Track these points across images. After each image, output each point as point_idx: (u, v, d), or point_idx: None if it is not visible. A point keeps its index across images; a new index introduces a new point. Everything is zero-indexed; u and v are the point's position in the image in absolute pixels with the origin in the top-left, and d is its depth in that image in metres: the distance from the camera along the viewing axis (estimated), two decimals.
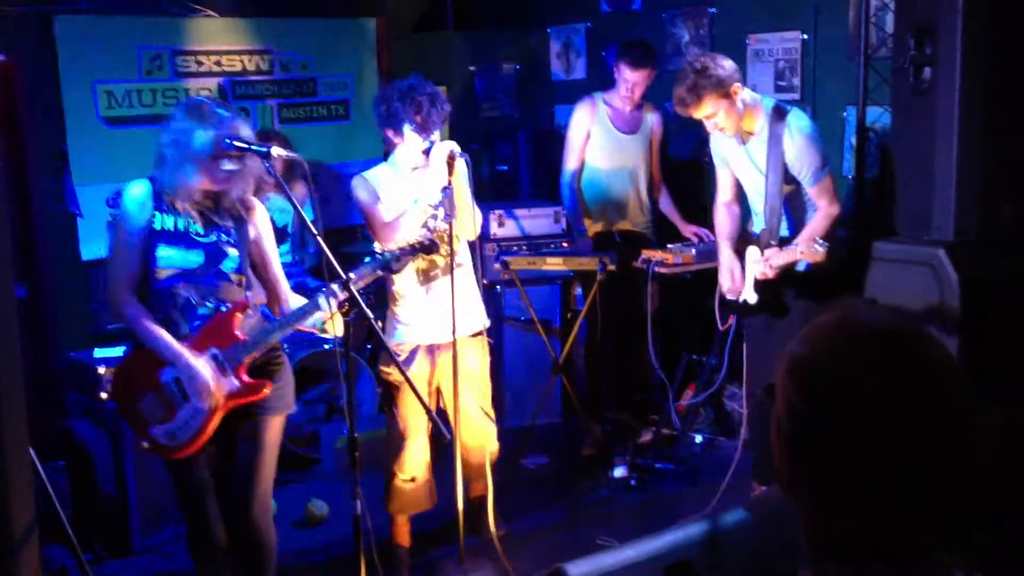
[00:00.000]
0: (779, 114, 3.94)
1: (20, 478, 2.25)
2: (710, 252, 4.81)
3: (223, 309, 3.09)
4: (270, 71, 5.97)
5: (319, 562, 4.14)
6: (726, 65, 3.88)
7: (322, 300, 3.03)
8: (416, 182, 3.76)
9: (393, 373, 3.82)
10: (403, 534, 4.01)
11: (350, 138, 6.30)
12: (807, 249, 3.77)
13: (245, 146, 3.04)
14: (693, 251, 4.79)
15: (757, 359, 4.31)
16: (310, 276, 5.58)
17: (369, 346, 5.45)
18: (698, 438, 5.20)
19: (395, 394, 3.87)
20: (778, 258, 3.91)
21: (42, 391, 4.99)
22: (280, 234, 5.37)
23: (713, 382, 5.00)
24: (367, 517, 3.15)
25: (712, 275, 4.72)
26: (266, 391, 3.12)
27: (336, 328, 3.13)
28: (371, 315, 3.02)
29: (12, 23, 4.92)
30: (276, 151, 2.97)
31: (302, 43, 6.07)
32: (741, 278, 4.16)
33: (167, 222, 3.06)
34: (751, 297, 4.13)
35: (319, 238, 2.98)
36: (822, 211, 3.97)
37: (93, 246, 5.24)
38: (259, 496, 3.19)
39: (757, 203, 4.15)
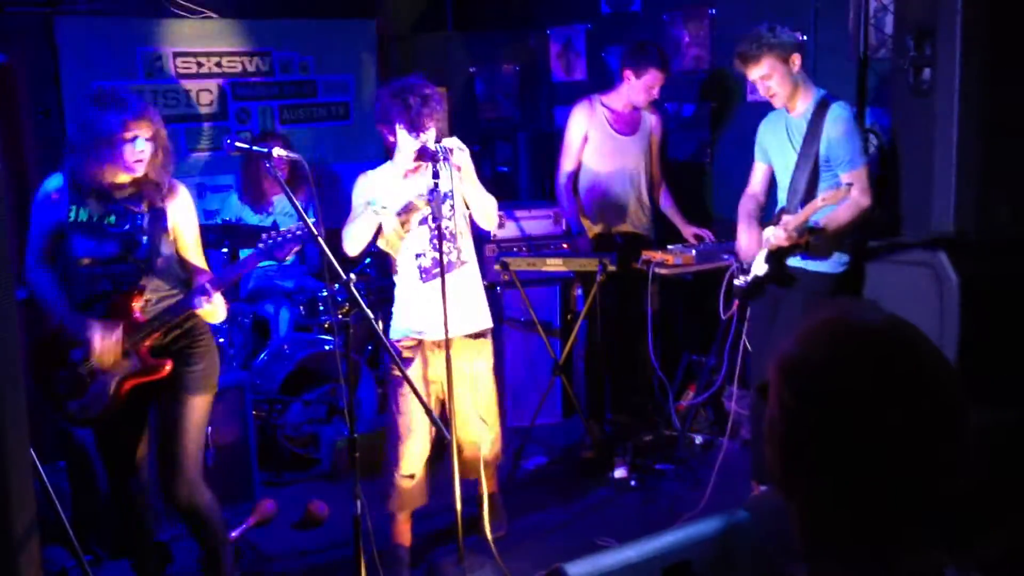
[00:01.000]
0: (825, 103, 4.01)
1: (20, 478, 2.25)
2: (711, 253, 4.82)
3: (120, 293, 3.26)
4: (270, 72, 5.98)
5: (319, 563, 4.13)
6: (791, 34, 4.02)
7: (196, 299, 3.23)
8: (411, 182, 3.76)
9: (397, 369, 3.81)
10: (404, 533, 4.01)
11: (350, 139, 6.31)
12: (829, 192, 3.77)
13: (246, 147, 3.05)
14: (693, 252, 4.79)
15: (759, 356, 4.31)
16: (310, 278, 5.59)
17: (369, 347, 5.46)
18: (698, 439, 5.20)
19: (398, 390, 3.86)
20: (795, 218, 3.90)
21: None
22: None
23: (713, 383, 5.01)
24: (367, 517, 3.15)
25: (713, 276, 4.73)
26: (166, 369, 3.28)
27: (214, 318, 3.36)
28: (372, 315, 3.03)
29: (12, 24, 4.92)
30: (278, 152, 2.98)
31: (302, 44, 6.08)
32: (757, 242, 4.16)
33: (82, 214, 3.22)
34: (760, 269, 4.12)
35: (320, 239, 2.99)
36: (852, 199, 3.96)
37: None
38: (185, 474, 3.35)
39: (782, 187, 4.17)
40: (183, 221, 3.40)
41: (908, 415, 1.10)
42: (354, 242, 3.72)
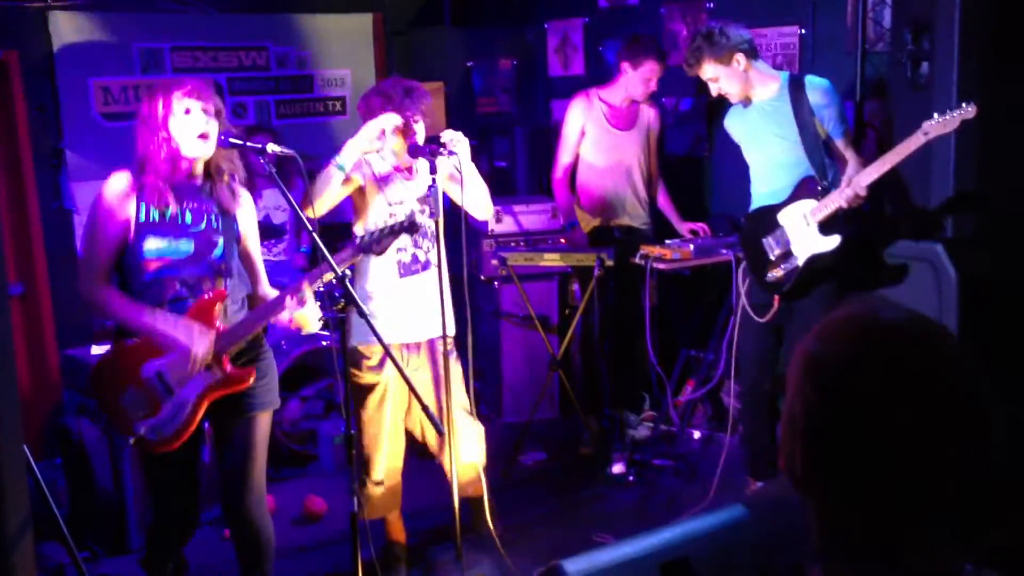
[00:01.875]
0: (797, 81, 4.03)
1: (14, 475, 2.25)
2: (709, 248, 4.80)
3: (200, 299, 3.04)
4: (267, 67, 5.96)
5: (317, 559, 4.13)
6: (732, 35, 4.00)
7: (287, 299, 3.05)
8: (404, 181, 3.74)
9: (362, 376, 3.74)
10: (397, 530, 3.99)
11: (347, 134, 6.28)
12: (905, 143, 3.48)
13: (240, 143, 3.03)
14: (691, 247, 4.78)
15: (746, 351, 4.28)
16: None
17: None
18: (696, 434, 5.20)
19: (362, 398, 3.77)
20: (866, 175, 3.65)
21: (39, 388, 4.98)
22: (277, 231, 5.36)
23: (711, 378, 5.00)
24: (364, 512, 3.14)
25: (712, 271, 4.72)
26: (250, 380, 3.09)
27: (310, 325, 3.17)
28: (368, 311, 3.01)
29: (6, 19, 4.90)
30: (272, 148, 2.96)
31: (299, 39, 6.06)
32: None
33: (154, 213, 3.00)
34: (828, 244, 3.87)
35: (315, 235, 2.97)
36: (855, 158, 3.97)
37: None
38: (255, 493, 3.21)
39: (765, 178, 4.13)
40: (250, 228, 3.25)
41: (932, 414, 1.08)
42: (316, 198, 3.48)
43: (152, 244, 2.99)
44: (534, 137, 6.03)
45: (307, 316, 3.15)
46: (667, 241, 4.90)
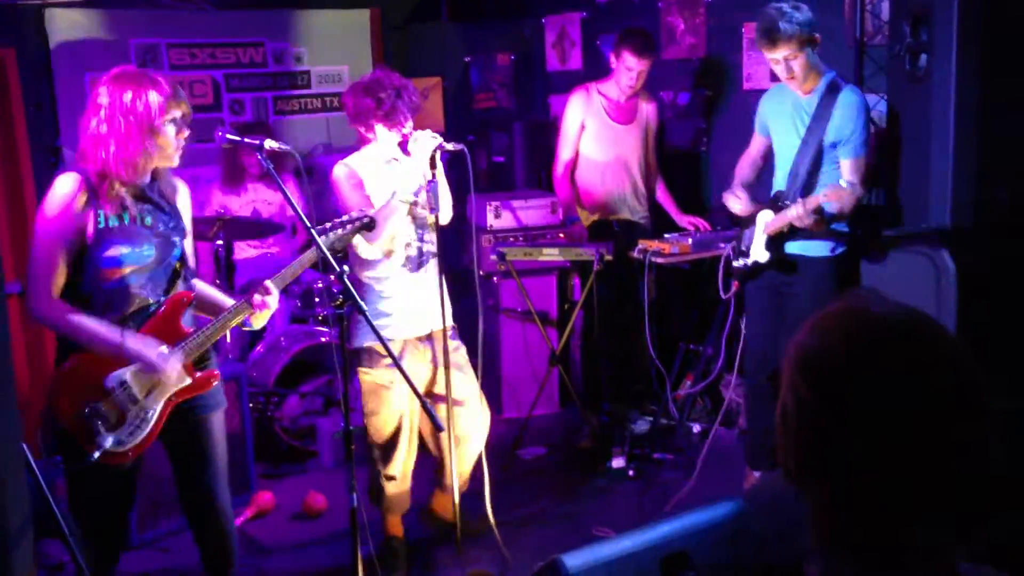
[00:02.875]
0: (835, 85, 3.95)
1: (13, 473, 2.24)
2: (708, 242, 4.80)
3: (164, 303, 2.90)
4: (264, 63, 5.95)
5: (316, 555, 4.13)
6: (810, 13, 3.89)
7: (257, 297, 2.96)
8: (394, 173, 3.73)
9: (372, 374, 3.73)
10: (395, 524, 3.99)
11: (345, 130, 6.28)
12: (831, 191, 3.74)
13: (238, 139, 3.01)
14: (690, 241, 4.78)
15: (755, 345, 4.30)
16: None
17: None
18: (696, 427, 5.20)
19: (380, 396, 3.76)
20: (813, 200, 3.83)
21: (38, 387, 4.98)
22: (265, 226, 5.35)
23: (710, 371, 5.00)
24: (363, 510, 3.14)
25: (710, 265, 4.71)
26: (215, 381, 3.00)
27: (258, 322, 3.04)
28: (364, 307, 3.01)
29: (3, 17, 4.89)
30: (269, 144, 2.95)
31: (296, 35, 6.05)
32: (747, 201, 4.15)
33: (112, 219, 2.78)
34: (762, 256, 4.11)
35: (313, 230, 2.97)
36: (853, 188, 3.93)
37: None
38: (223, 489, 3.12)
39: (783, 169, 4.14)
40: (189, 220, 3.07)
41: (930, 407, 1.08)
42: (386, 240, 3.57)
43: (114, 252, 2.79)
44: (532, 132, 6.02)
45: (267, 314, 3.02)
46: (666, 235, 4.90)
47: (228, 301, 3.11)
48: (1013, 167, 3.51)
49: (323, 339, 5.07)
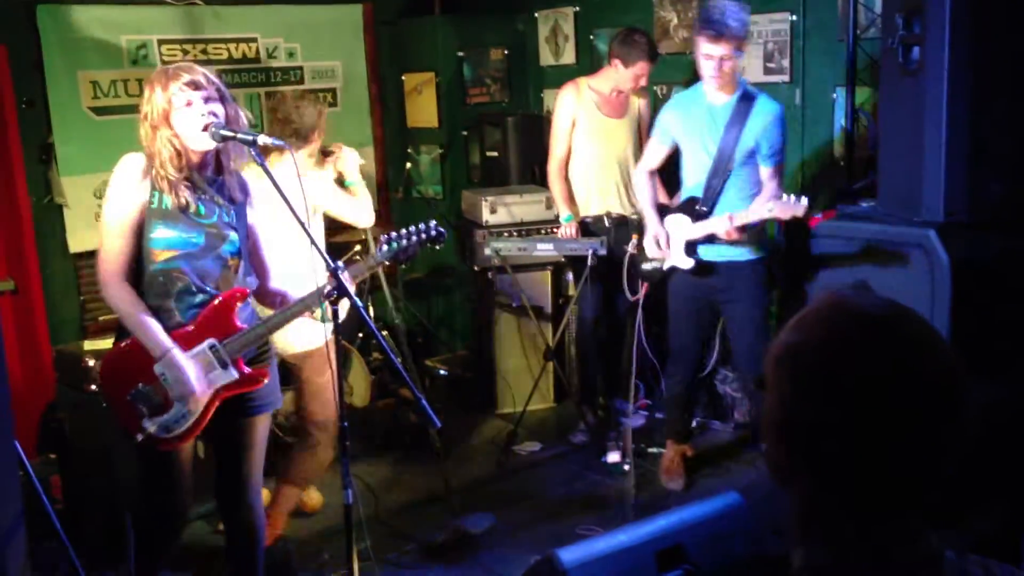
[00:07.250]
0: (749, 95, 4.05)
1: (4, 471, 2.24)
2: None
3: (220, 296, 2.96)
4: (256, 59, 5.93)
5: (313, 551, 4.12)
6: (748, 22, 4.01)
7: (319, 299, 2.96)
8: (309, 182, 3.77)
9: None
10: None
11: (338, 125, 6.26)
12: (781, 206, 3.80)
13: (231, 134, 3.00)
14: None
15: (681, 341, 4.50)
16: None
17: (361, 335, 5.43)
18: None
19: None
20: (743, 217, 3.95)
21: (31, 384, 4.97)
22: None
23: (704, 366, 5.00)
24: (359, 505, 3.14)
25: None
26: (264, 381, 3.05)
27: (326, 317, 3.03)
28: (359, 303, 3.00)
29: None
30: (262, 139, 2.94)
31: (288, 30, 6.03)
32: (667, 244, 4.26)
33: (166, 200, 2.89)
34: (684, 263, 4.22)
35: (306, 227, 2.95)
36: (771, 192, 4.04)
37: (81, 238, 5.21)
38: (253, 491, 3.21)
39: (696, 176, 4.20)
40: (259, 221, 3.15)
41: (907, 401, 1.08)
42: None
43: (161, 233, 2.90)
44: (525, 127, 6.01)
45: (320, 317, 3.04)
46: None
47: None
48: (1006, 158, 3.52)
49: None
